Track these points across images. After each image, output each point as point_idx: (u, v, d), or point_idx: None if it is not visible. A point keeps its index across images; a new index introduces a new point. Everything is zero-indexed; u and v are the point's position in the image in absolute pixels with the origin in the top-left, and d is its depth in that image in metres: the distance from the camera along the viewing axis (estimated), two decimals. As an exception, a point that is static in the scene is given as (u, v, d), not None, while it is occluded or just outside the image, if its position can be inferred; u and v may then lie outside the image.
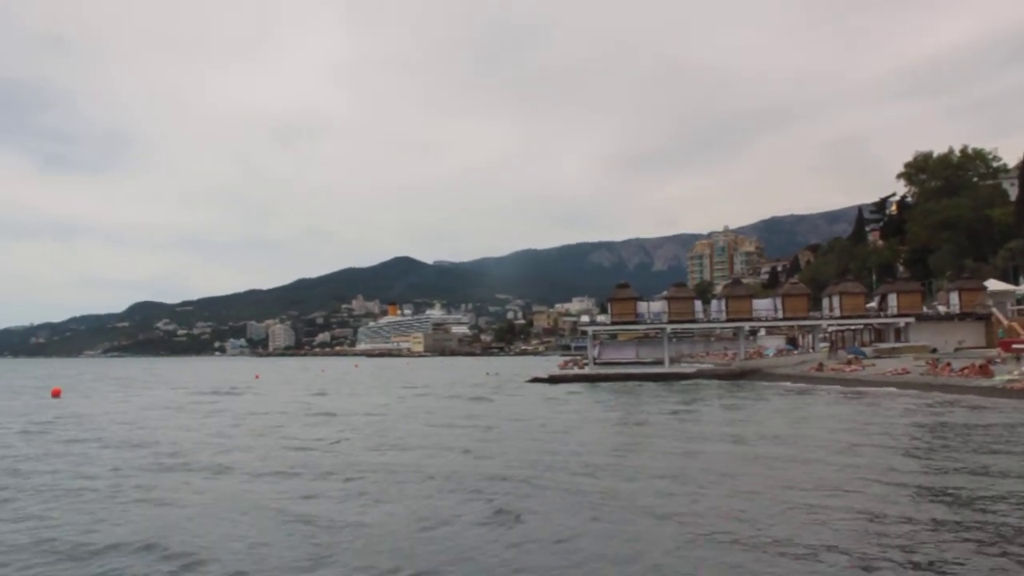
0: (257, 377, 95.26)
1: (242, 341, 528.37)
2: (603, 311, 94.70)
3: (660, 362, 71.81)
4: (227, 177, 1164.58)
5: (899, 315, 70.71)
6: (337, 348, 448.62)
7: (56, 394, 60.20)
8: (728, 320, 72.39)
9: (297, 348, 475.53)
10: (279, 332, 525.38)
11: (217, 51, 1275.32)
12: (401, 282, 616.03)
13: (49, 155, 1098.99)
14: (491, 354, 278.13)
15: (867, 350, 66.74)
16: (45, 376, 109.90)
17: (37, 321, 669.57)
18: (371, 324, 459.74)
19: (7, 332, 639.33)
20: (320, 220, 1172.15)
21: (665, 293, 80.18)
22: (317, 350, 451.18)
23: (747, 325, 75.56)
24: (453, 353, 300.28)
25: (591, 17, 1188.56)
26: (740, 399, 44.18)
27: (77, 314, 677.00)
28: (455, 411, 39.85)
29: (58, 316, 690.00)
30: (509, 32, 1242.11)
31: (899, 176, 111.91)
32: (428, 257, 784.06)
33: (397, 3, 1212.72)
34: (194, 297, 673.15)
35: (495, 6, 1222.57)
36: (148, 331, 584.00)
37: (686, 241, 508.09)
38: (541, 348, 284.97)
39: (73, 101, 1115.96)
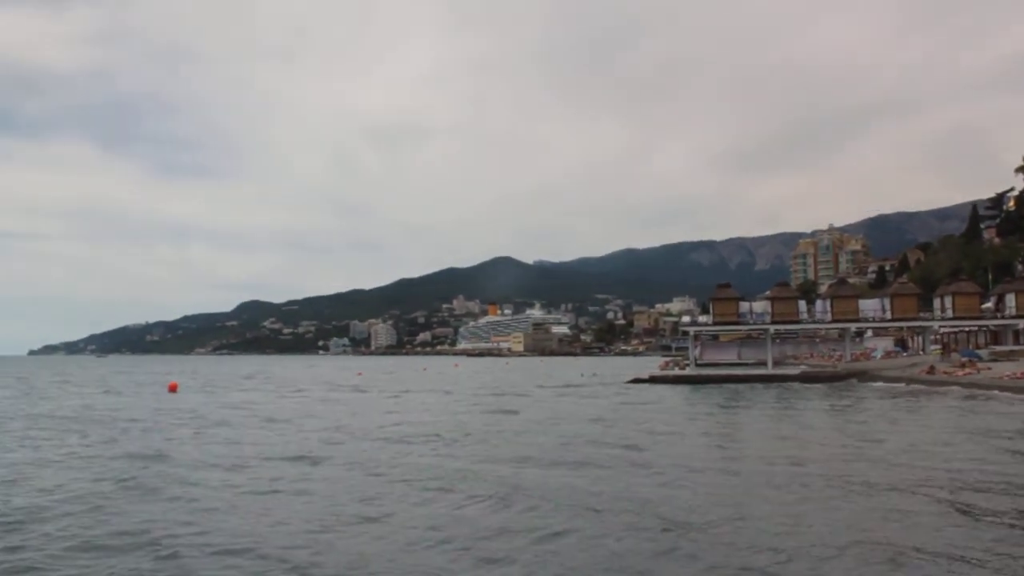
0: (360, 375, 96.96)
1: (345, 340, 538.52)
2: (704, 311, 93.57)
3: (763, 363, 70.46)
4: (331, 179, 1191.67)
5: (1018, 316, 67.73)
6: (438, 347, 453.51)
7: (172, 389, 62.57)
8: (833, 321, 70.62)
9: (399, 347, 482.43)
10: (381, 331, 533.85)
11: (319, 56, 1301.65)
12: (501, 282, 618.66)
13: (162, 161, 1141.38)
14: (591, 354, 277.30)
15: (983, 353, 64.11)
16: (191, 372, 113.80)
17: (152, 320, 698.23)
18: (471, 324, 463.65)
19: (125, 330, 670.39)
20: (421, 220, 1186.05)
21: (768, 293, 78.76)
22: (418, 349, 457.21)
23: (853, 326, 73.60)
24: (552, 353, 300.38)
25: (691, 13, 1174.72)
26: (851, 403, 43.07)
27: (189, 313, 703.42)
28: (595, 409, 40.98)
29: (171, 315, 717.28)
30: (608, 31, 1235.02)
31: (1018, 170, 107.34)
32: (528, 257, 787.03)
33: (499, 4, 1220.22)
34: (299, 297, 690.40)
35: (595, 4, 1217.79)
36: (255, 330, 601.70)
37: (789, 240, 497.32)
38: (641, 348, 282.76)
39: (184, 109, 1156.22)
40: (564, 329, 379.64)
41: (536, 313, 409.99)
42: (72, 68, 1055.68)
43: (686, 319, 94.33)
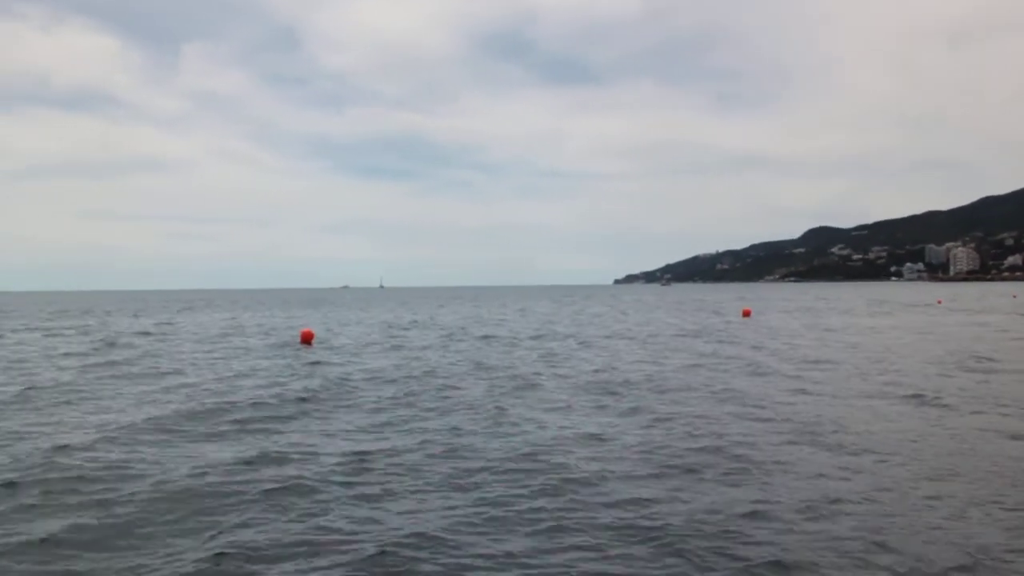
0: (939, 302, 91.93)
1: (920, 265, 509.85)
2: None
3: None
4: (898, 95, 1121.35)
5: None
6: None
7: (746, 314, 64.68)
8: None
9: (982, 273, 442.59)
10: (960, 255, 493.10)
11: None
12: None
13: (720, 94, 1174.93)
14: None
15: None
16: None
17: (721, 249, 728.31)
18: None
19: (696, 260, 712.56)
20: (1007, 130, 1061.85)
21: None
22: (1006, 275, 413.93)
23: None
24: None
25: None
26: None
27: (756, 241, 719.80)
28: None
29: (739, 244, 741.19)
30: None
31: None
32: None
33: None
34: (868, 221, 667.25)
35: None
36: (823, 257, 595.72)
37: None
38: None
39: (738, 41, 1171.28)
40: None
41: None
42: (632, 13, 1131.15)
43: None
